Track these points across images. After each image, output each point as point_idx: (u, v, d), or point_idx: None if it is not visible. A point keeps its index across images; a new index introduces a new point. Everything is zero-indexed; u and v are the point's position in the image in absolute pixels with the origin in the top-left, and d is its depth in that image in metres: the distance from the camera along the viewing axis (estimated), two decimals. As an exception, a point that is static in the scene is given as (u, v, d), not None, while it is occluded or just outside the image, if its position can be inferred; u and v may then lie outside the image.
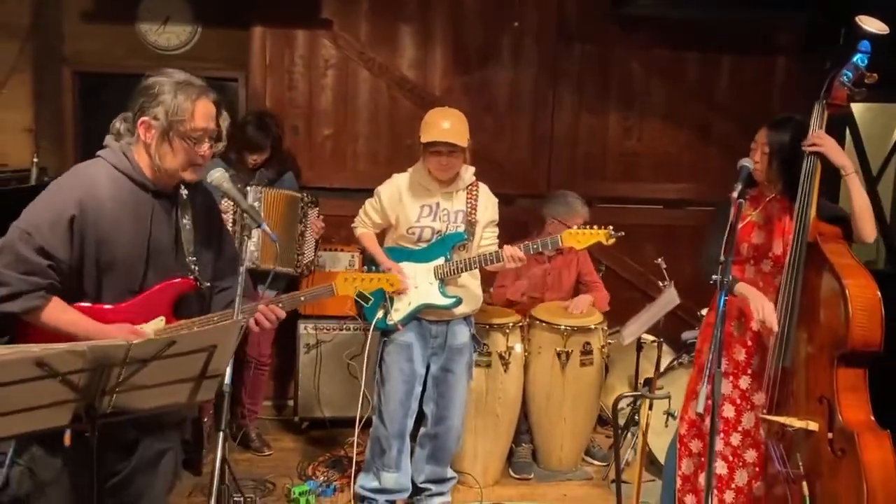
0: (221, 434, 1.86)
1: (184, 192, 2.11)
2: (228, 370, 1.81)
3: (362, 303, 2.62)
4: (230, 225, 3.63)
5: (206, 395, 1.79)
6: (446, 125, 3.14)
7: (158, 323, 2.05)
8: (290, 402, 4.45)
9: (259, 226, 2.11)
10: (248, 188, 3.74)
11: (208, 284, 2.17)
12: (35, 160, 3.88)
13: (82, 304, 1.97)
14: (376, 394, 3.40)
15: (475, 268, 3.22)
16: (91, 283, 1.97)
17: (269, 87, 4.58)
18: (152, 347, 1.56)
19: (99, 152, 2.05)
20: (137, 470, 2.08)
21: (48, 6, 4.28)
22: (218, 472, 1.80)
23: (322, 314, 4.23)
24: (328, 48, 4.60)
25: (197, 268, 2.10)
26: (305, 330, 4.27)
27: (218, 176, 2.13)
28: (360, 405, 3.34)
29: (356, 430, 3.38)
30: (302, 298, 2.04)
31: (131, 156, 2.01)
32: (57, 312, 1.91)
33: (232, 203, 3.59)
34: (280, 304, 2.22)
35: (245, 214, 2.11)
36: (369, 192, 3.39)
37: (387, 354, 3.31)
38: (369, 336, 3.34)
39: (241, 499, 3.46)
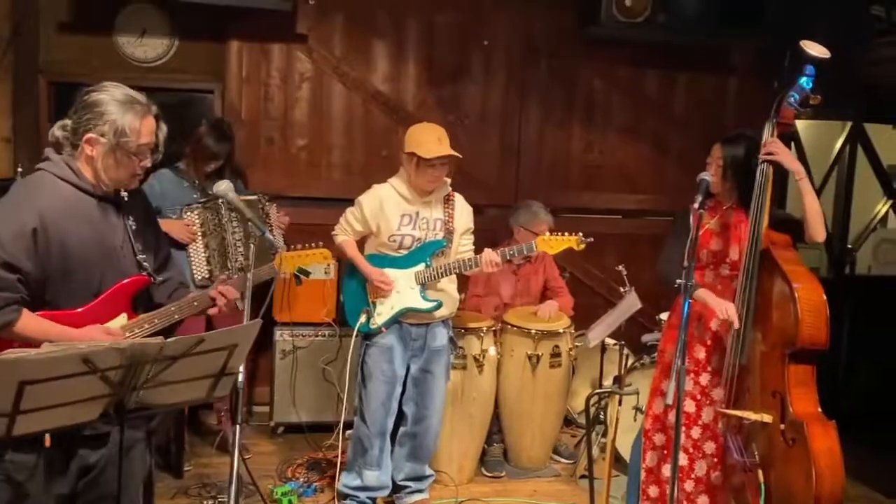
0: (238, 427, 1.98)
1: (124, 195, 2.21)
2: (241, 367, 1.94)
3: (302, 276, 2.78)
4: (200, 237, 3.73)
5: (223, 391, 1.91)
6: (439, 140, 3.29)
7: (121, 320, 2.14)
8: (266, 408, 4.54)
9: (262, 233, 2.24)
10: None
11: (161, 279, 2.27)
12: (20, 170, 3.92)
13: (48, 311, 2.03)
14: (358, 395, 3.53)
15: (454, 273, 3.38)
16: (53, 290, 2.04)
17: (245, 100, 4.68)
18: (183, 345, 1.69)
19: (41, 165, 2.12)
20: (110, 461, 2.13)
21: (27, 17, 4.31)
22: (236, 462, 1.91)
23: (298, 321, 4.33)
24: (303, 62, 4.72)
25: (147, 264, 2.21)
26: (281, 336, 4.36)
27: (224, 188, 2.26)
28: (343, 410, 3.46)
29: (341, 434, 3.49)
30: (249, 277, 2.16)
31: (75, 166, 2.09)
32: (30, 323, 1.97)
33: (197, 216, 3.71)
34: (230, 285, 2.34)
35: (249, 222, 2.24)
36: (343, 202, 3.51)
37: (368, 357, 3.44)
38: (353, 340, 3.45)
39: (225, 500, 3.56)
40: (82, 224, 2.07)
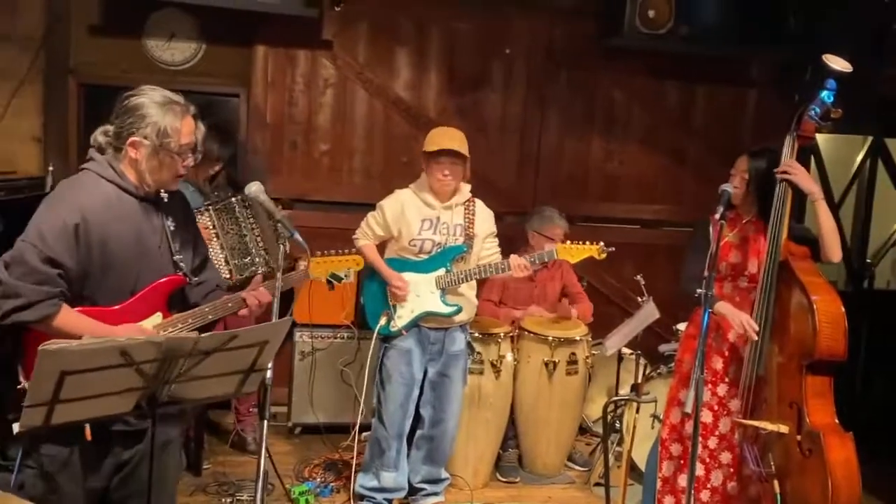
0: (265, 423, 2.03)
1: (164, 196, 2.26)
2: (270, 364, 1.99)
3: (334, 282, 2.80)
4: (215, 238, 3.79)
5: (251, 387, 1.96)
6: (449, 137, 3.35)
7: (156, 319, 2.19)
8: (284, 409, 4.59)
9: (291, 235, 2.29)
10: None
11: (196, 280, 2.32)
12: (51, 169, 4.00)
13: (86, 307, 2.09)
14: (376, 397, 3.57)
15: (481, 277, 3.42)
16: (91, 286, 2.10)
17: (270, 104, 4.75)
18: (216, 341, 1.74)
19: (85, 165, 2.18)
20: (144, 458, 2.18)
21: (58, 20, 4.40)
22: (263, 456, 1.96)
23: (318, 323, 4.36)
24: (328, 68, 4.79)
25: (184, 265, 2.26)
26: (301, 338, 4.42)
27: (255, 189, 2.32)
28: (360, 412, 3.51)
29: (356, 435, 3.53)
30: (278, 277, 2.21)
31: (117, 167, 2.15)
32: (68, 318, 2.03)
33: (208, 219, 3.76)
34: (263, 289, 2.40)
35: (279, 224, 2.29)
36: (364, 206, 3.57)
37: (387, 359, 3.48)
38: (373, 342, 3.50)
39: (243, 498, 3.62)
40: (123, 223, 2.12)
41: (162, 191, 2.24)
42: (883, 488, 4.10)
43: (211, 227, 3.77)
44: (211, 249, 3.79)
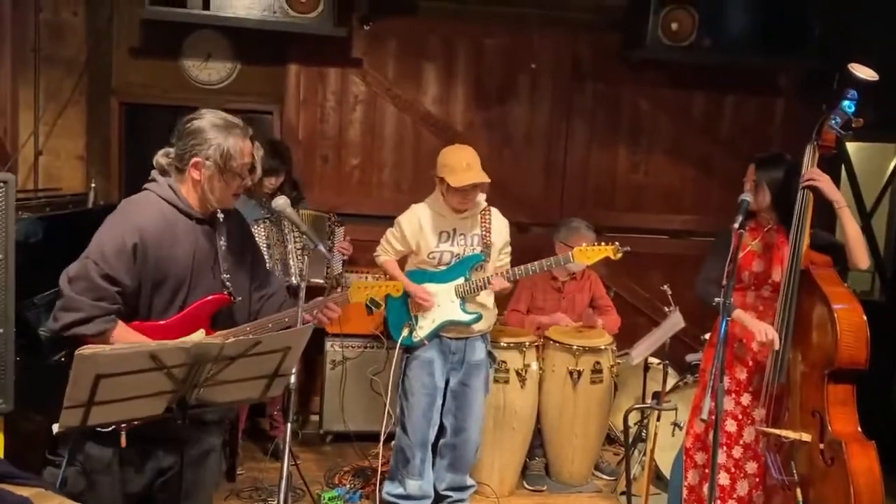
0: (289, 426, 2.12)
1: (220, 216, 2.34)
2: (294, 369, 2.08)
3: (373, 307, 2.89)
4: (265, 249, 3.93)
5: (276, 392, 2.05)
6: (468, 164, 3.35)
7: (199, 335, 2.27)
8: (316, 417, 4.70)
9: (316, 246, 2.37)
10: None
11: (240, 299, 2.38)
12: (93, 185, 4.18)
13: (137, 322, 2.18)
14: (399, 407, 3.64)
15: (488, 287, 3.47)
16: (144, 302, 2.19)
17: (303, 120, 4.90)
18: (241, 346, 1.84)
19: (147, 185, 2.28)
20: (186, 467, 2.27)
21: (101, 43, 4.61)
22: (287, 458, 2.04)
23: (348, 332, 4.45)
24: (358, 85, 4.93)
25: (231, 285, 2.33)
26: (332, 347, 4.52)
27: (282, 203, 2.42)
28: (384, 420, 3.59)
29: (381, 443, 3.60)
30: (302, 286, 2.27)
31: (177, 188, 2.25)
32: (122, 333, 2.13)
33: (263, 230, 3.92)
34: (328, 306, 2.49)
35: (304, 235, 2.39)
36: (393, 219, 3.66)
37: (409, 370, 3.55)
38: (396, 353, 3.57)
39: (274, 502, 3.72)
40: (178, 243, 2.21)
41: (218, 211, 2.32)
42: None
43: (263, 238, 3.93)
44: None
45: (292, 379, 2.08)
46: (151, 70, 4.78)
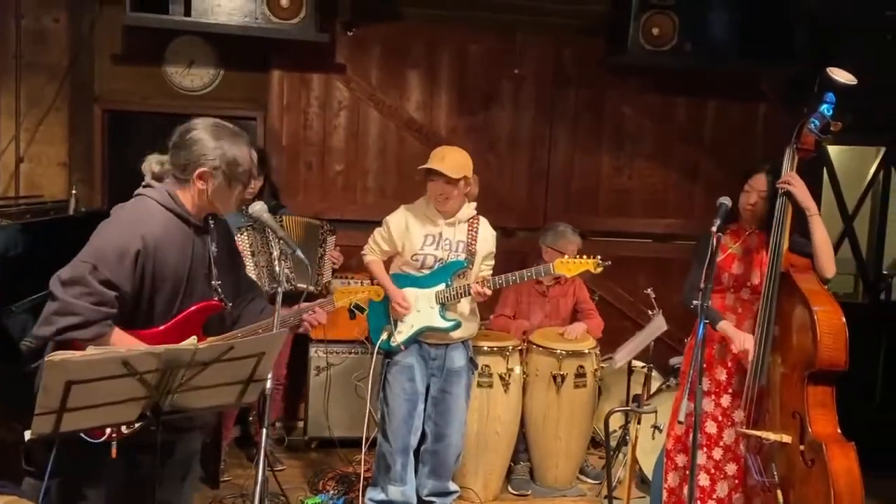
0: (265, 431, 2.11)
1: (211, 222, 2.36)
2: (269, 374, 2.07)
3: (357, 312, 2.93)
4: (250, 256, 3.92)
5: (251, 397, 2.04)
6: (442, 157, 3.42)
7: (192, 341, 2.25)
8: (300, 423, 4.68)
9: (294, 252, 2.37)
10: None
11: (231, 304, 2.39)
12: (74, 192, 4.17)
13: (131, 330, 2.16)
14: (381, 413, 3.63)
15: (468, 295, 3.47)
16: (141, 308, 2.18)
17: (286, 126, 4.90)
18: (214, 351, 1.83)
19: (142, 191, 2.26)
20: (170, 472, 2.28)
21: (83, 50, 4.60)
22: (262, 463, 2.04)
23: (333, 338, 4.44)
24: (341, 91, 4.93)
25: (221, 290, 2.34)
26: (316, 353, 4.50)
27: (258, 208, 2.42)
28: (365, 425, 3.58)
29: (363, 448, 3.60)
30: (279, 290, 2.29)
31: (175, 195, 2.24)
32: (118, 339, 2.11)
33: (246, 237, 3.90)
34: (313, 311, 2.51)
35: (282, 241, 2.38)
36: (378, 224, 3.66)
37: (390, 375, 3.55)
38: (374, 357, 3.56)
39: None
40: (178, 251, 2.21)
41: (209, 217, 2.34)
42: (892, 501, 4.07)
43: (248, 246, 3.92)
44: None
45: (268, 384, 2.07)
46: (134, 77, 4.76)
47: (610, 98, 5.17)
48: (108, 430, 2.08)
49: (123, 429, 2.04)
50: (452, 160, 3.41)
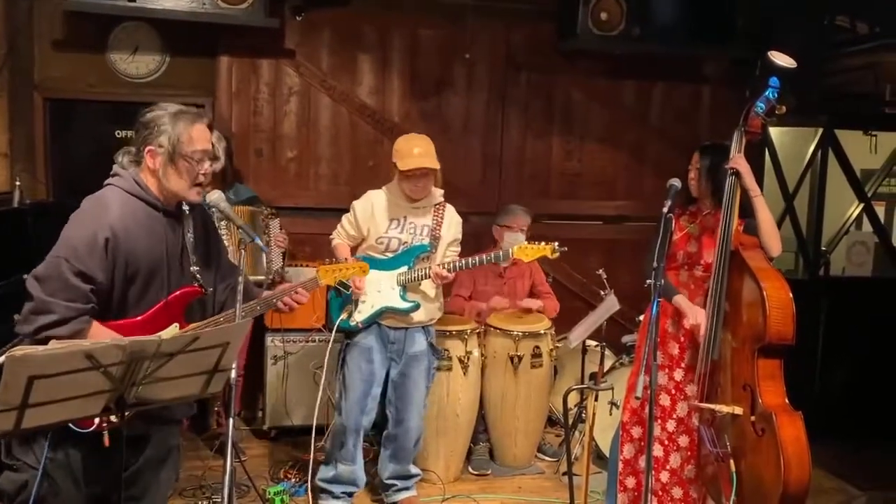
0: (231, 420, 2.10)
1: (185, 209, 2.34)
2: (234, 364, 2.06)
3: (343, 290, 2.93)
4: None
5: (216, 388, 2.02)
6: (417, 151, 3.43)
7: (174, 329, 2.26)
8: (260, 413, 4.65)
9: (252, 240, 2.36)
10: None
11: (211, 290, 2.39)
12: (17, 183, 4.03)
13: (112, 321, 2.16)
14: (337, 391, 3.66)
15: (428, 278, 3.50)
16: (117, 297, 2.17)
17: (235, 113, 4.82)
18: (179, 343, 1.81)
19: (109, 181, 2.25)
20: (146, 466, 2.27)
21: (21, 35, 4.44)
22: (230, 453, 2.03)
23: (289, 327, 4.42)
24: (292, 76, 4.87)
25: (200, 276, 2.33)
26: (272, 342, 4.47)
27: (216, 197, 2.39)
28: (315, 412, 3.56)
29: (312, 437, 3.58)
30: (239, 280, 2.30)
31: (141, 181, 2.23)
32: (97, 333, 2.10)
33: (226, 224, 3.84)
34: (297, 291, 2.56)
35: (240, 230, 2.37)
36: (332, 211, 3.66)
37: (348, 356, 3.58)
38: (332, 334, 3.57)
39: (220, 501, 3.67)
40: (148, 237, 2.20)
41: (184, 204, 2.31)
42: (843, 469, 4.29)
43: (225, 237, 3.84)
44: None
45: (233, 374, 2.06)
46: (76, 64, 4.62)
47: (560, 83, 5.23)
48: (97, 420, 2.07)
49: (113, 417, 2.01)
50: (425, 150, 3.44)
